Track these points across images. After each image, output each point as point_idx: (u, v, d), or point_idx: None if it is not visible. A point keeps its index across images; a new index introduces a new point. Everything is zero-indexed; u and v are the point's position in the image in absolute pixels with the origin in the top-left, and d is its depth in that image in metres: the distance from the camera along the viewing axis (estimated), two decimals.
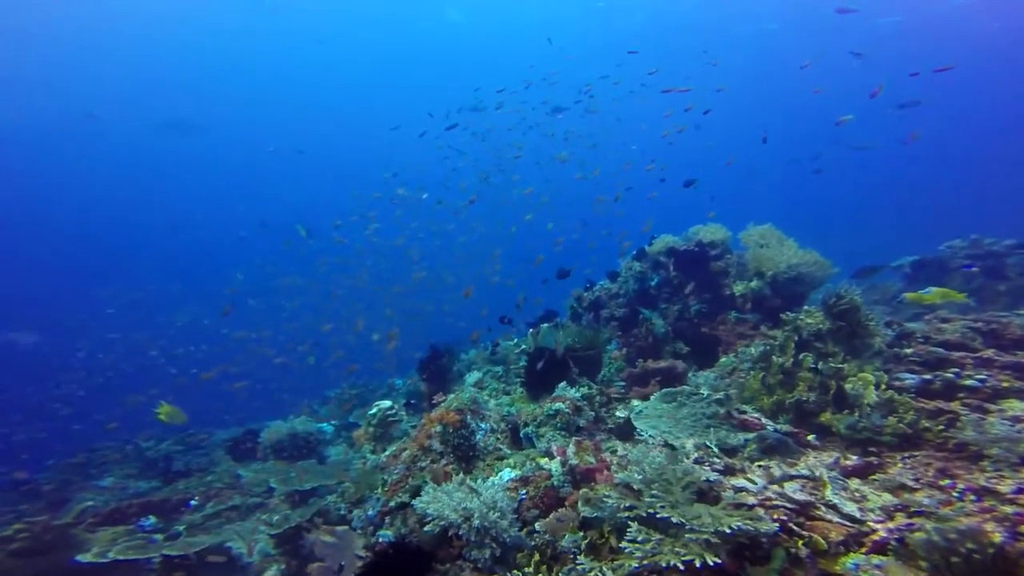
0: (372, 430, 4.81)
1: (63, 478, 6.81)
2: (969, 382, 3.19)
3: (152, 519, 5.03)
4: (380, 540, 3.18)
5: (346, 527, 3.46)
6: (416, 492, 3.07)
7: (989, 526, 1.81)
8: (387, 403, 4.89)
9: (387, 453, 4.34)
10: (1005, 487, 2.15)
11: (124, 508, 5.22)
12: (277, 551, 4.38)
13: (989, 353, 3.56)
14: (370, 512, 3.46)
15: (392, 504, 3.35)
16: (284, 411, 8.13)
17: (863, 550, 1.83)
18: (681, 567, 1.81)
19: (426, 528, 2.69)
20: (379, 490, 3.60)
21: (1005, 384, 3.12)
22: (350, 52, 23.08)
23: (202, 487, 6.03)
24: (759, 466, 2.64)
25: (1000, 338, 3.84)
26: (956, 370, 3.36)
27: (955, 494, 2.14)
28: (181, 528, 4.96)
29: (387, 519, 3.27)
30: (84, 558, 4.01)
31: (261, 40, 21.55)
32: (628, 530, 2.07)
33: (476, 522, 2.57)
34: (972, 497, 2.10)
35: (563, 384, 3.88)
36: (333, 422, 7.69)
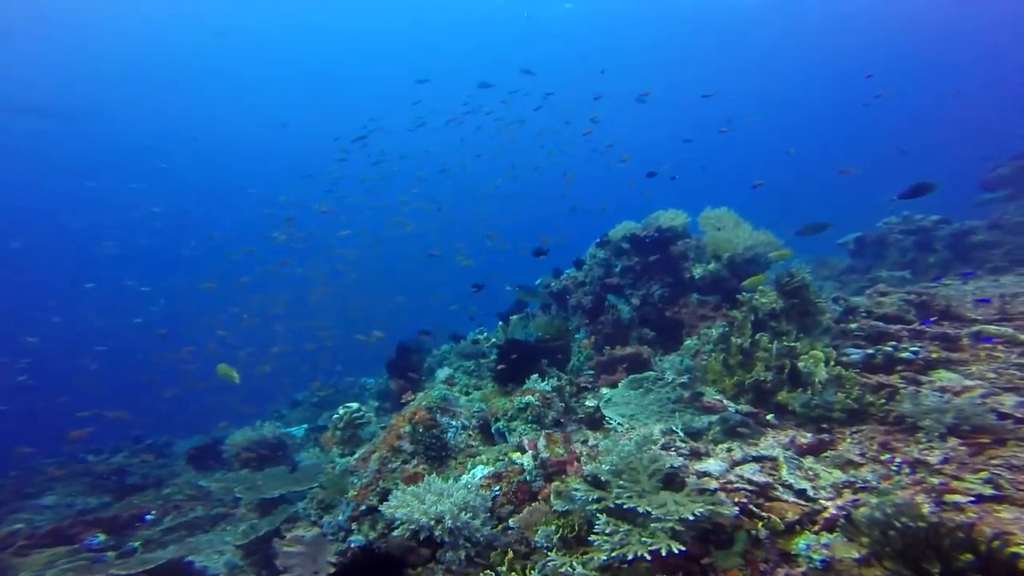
0: (339, 433, 4.67)
1: None
2: (905, 354, 3.43)
3: (101, 536, 4.64)
4: (351, 546, 3.10)
5: (317, 532, 3.36)
6: (386, 496, 3.00)
7: (920, 498, 1.96)
8: (354, 405, 4.74)
9: (356, 456, 4.23)
10: (934, 458, 2.32)
11: (65, 527, 4.78)
12: (245, 562, 4.22)
13: (920, 325, 3.85)
14: (340, 518, 3.37)
15: (363, 508, 3.27)
16: (251, 418, 7.78)
17: (815, 528, 1.94)
18: (648, 557, 1.85)
19: (394, 533, 2.63)
20: (349, 494, 3.51)
21: (935, 355, 3.38)
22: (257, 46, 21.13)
23: (160, 500, 5.69)
24: (723, 448, 2.75)
25: (929, 309, 4.16)
26: (894, 343, 3.61)
27: (894, 468, 2.30)
28: (136, 544, 4.66)
29: (355, 524, 3.19)
30: None
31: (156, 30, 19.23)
32: (597, 522, 2.09)
33: (448, 523, 2.54)
34: (907, 470, 2.26)
35: (535, 376, 3.88)
36: (304, 425, 7.46)
